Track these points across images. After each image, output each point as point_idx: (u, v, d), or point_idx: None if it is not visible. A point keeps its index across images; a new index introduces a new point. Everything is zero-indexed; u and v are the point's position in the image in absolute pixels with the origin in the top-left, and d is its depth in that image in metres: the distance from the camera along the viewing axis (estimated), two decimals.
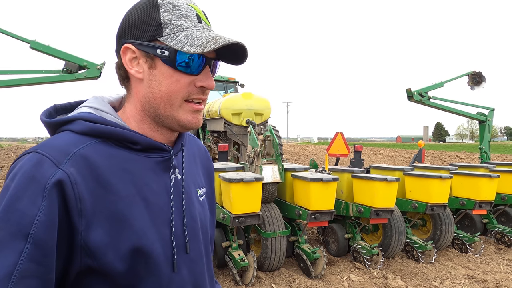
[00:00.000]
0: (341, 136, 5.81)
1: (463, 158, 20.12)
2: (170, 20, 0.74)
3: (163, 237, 0.77)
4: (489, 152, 7.03)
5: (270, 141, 4.42)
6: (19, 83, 4.96)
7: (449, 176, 4.28)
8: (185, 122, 0.79)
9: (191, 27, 0.75)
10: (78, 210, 0.67)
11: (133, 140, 0.76)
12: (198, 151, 1.03)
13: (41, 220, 0.63)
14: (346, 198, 4.46)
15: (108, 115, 0.79)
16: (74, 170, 0.67)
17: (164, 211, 0.79)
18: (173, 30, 0.74)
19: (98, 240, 0.68)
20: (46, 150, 0.68)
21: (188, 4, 0.77)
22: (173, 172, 0.83)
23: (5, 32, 4.87)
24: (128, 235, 0.71)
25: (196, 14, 0.77)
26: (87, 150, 0.71)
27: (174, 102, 0.77)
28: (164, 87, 0.76)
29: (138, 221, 0.73)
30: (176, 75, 0.75)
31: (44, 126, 0.78)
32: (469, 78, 7.27)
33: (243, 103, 6.80)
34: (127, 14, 0.78)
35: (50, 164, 0.66)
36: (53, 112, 0.82)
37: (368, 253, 4.05)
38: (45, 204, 0.63)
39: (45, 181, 0.64)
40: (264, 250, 3.78)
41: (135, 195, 0.74)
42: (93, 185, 0.69)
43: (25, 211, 0.62)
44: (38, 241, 0.62)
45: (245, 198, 3.41)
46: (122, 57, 0.77)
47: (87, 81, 5.21)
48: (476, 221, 5.30)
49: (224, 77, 10.08)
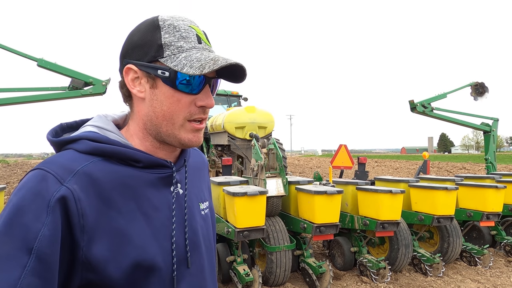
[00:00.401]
0: (345, 149, 5.80)
1: (469, 169, 19.92)
2: (171, 41, 0.76)
3: (165, 251, 0.78)
4: (495, 162, 6.98)
5: (273, 154, 4.43)
6: (26, 100, 5.04)
7: (455, 188, 4.24)
8: (186, 141, 0.81)
9: (191, 48, 0.77)
10: (81, 226, 0.68)
11: (135, 158, 0.78)
12: (202, 164, 1.04)
13: (45, 235, 0.64)
14: (351, 210, 4.43)
15: (111, 133, 0.81)
16: (78, 187, 0.69)
17: (165, 225, 0.80)
18: (174, 52, 0.76)
19: (99, 255, 0.69)
20: (51, 167, 0.70)
21: (188, 25, 0.79)
22: (175, 187, 0.85)
23: (13, 51, 4.99)
24: (129, 249, 0.72)
25: (197, 35, 0.79)
26: (90, 168, 0.73)
27: (176, 121, 0.79)
28: (165, 106, 0.78)
29: (139, 236, 0.74)
30: (177, 95, 0.77)
31: (50, 144, 0.81)
32: (472, 89, 7.28)
33: (247, 117, 6.84)
34: (129, 35, 0.81)
35: (55, 181, 0.68)
36: (60, 130, 0.85)
37: (374, 266, 3.99)
38: (49, 219, 0.65)
39: (50, 196, 0.66)
40: (269, 264, 3.74)
41: (136, 210, 0.76)
42: (95, 202, 0.71)
43: (30, 226, 0.64)
44: (41, 255, 0.63)
45: (249, 212, 3.39)
46: (124, 77, 0.80)
47: (93, 97, 5.29)
48: (484, 233, 5.22)
49: (228, 91, 10.17)
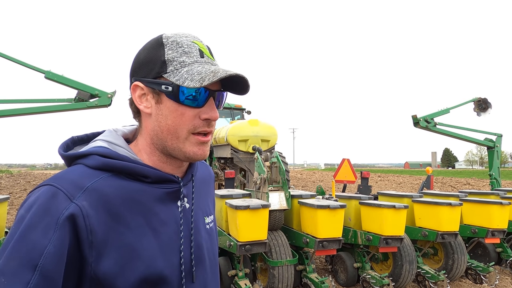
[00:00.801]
0: (347, 163, 5.80)
1: (473, 185, 19.75)
2: (174, 57, 0.78)
3: (172, 266, 0.79)
4: (499, 178, 6.93)
5: (276, 167, 4.43)
6: (32, 111, 5.10)
7: (459, 203, 4.21)
8: (191, 154, 0.81)
9: (193, 62, 0.78)
10: (89, 242, 0.69)
11: (143, 174, 0.79)
12: (209, 177, 1.05)
13: (50, 252, 0.65)
14: (354, 225, 4.39)
15: (121, 149, 0.83)
16: (87, 203, 0.71)
17: (173, 240, 0.81)
18: (176, 67, 0.78)
19: (107, 270, 0.70)
20: (61, 183, 0.72)
21: (191, 41, 0.81)
22: (182, 202, 0.86)
23: (22, 63, 5.08)
24: (137, 264, 0.73)
25: (199, 49, 0.81)
26: (100, 184, 0.74)
27: (180, 135, 0.80)
28: (170, 120, 0.79)
29: (147, 250, 0.75)
30: (181, 109, 0.79)
31: (61, 158, 0.83)
32: (475, 104, 7.30)
33: (250, 130, 6.87)
34: (137, 54, 0.84)
35: (64, 198, 0.70)
36: (71, 144, 0.87)
37: (378, 283, 3.93)
38: (56, 236, 0.66)
39: (59, 214, 0.68)
40: (271, 279, 3.70)
41: (145, 225, 0.77)
42: (104, 218, 0.72)
43: (36, 242, 0.65)
44: (45, 272, 0.64)
45: (251, 226, 3.38)
46: (132, 94, 0.83)
47: (98, 109, 5.34)
48: (490, 250, 5.14)
49: (231, 104, 10.24)
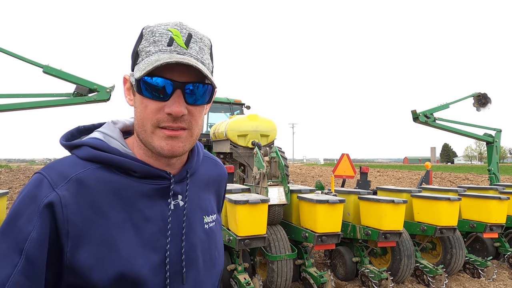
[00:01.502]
0: (347, 158, 5.80)
1: (472, 180, 19.80)
2: (143, 47, 0.75)
3: (152, 265, 0.76)
4: (498, 173, 6.94)
5: (276, 162, 4.43)
6: (31, 106, 5.08)
7: (458, 198, 4.22)
8: (159, 149, 0.77)
9: (156, 51, 0.73)
10: (66, 231, 0.70)
11: (130, 168, 0.78)
12: (218, 176, 1.00)
13: (34, 238, 0.67)
14: (353, 220, 4.41)
15: (114, 141, 0.82)
16: (68, 193, 0.71)
17: (156, 237, 0.78)
18: (143, 57, 0.75)
19: (83, 262, 0.70)
20: (48, 172, 0.73)
21: (167, 28, 0.74)
22: (175, 199, 0.83)
23: (20, 57, 5.05)
24: (114, 260, 0.72)
25: (171, 37, 0.74)
26: (85, 175, 0.74)
27: (147, 128, 0.76)
28: (138, 113, 0.77)
29: (126, 247, 0.74)
30: (145, 101, 0.75)
31: (63, 147, 0.82)
32: (474, 99, 7.29)
33: (249, 125, 6.86)
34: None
35: (47, 186, 0.71)
36: (76, 133, 0.87)
37: (376, 277, 3.96)
38: (38, 223, 0.68)
39: (40, 201, 0.69)
40: (270, 273, 3.72)
41: (126, 221, 0.75)
42: (84, 209, 0.72)
43: (22, 228, 0.68)
44: (29, 257, 0.67)
45: (251, 220, 3.38)
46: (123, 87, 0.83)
47: (97, 103, 5.33)
48: (488, 244, 5.17)
49: (230, 99, 10.23)
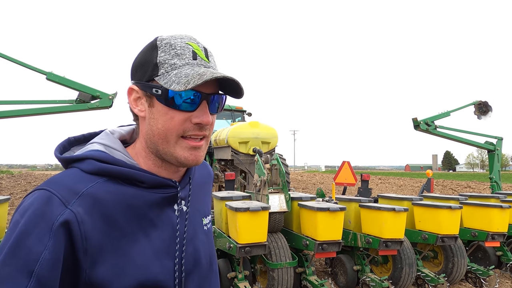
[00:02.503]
0: (348, 165, 5.80)
1: (474, 188, 19.72)
2: (165, 59, 0.76)
3: (168, 270, 0.79)
4: (500, 181, 6.92)
5: (276, 169, 4.43)
6: (34, 112, 5.12)
7: (459, 207, 4.21)
8: (182, 160, 0.79)
9: (184, 64, 0.76)
10: (84, 249, 0.69)
11: (139, 179, 0.78)
12: (208, 177, 1.04)
13: (46, 258, 0.65)
14: (354, 228, 4.39)
15: (118, 153, 0.82)
16: (82, 209, 0.70)
17: (167, 244, 0.80)
18: (167, 69, 0.76)
19: (102, 277, 0.70)
20: (56, 188, 0.71)
21: (186, 42, 0.79)
22: (179, 205, 0.85)
23: (24, 65, 5.10)
24: (131, 270, 0.73)
25: (193, 51, 0.78)
26: (95, 189, 0.73)
27: (170, 139, 0.78)
28: (160, 124, 0.78)
29: (142, 256, 0.75)
30: (171, 112, 0.77)
31: (58, 161, 0.82)
32: (475, 107, 7.30)
33: (250, 132, 6.88)
34: (135, 58, 0.83)
35: (59, 203, 0.69)
36: (67, 145, 0.86)
37: (377, 286, 3.93)
38: (51, 242, 0.66)
39: (53, 220, 0.67)
40: (271, 281, 3.70)
41: (139, 231, 0.76)
42: (99, 224, 0.71)
43: (32, 248, 0.65)
44: (41, 278, 0.64)
45: (251, 228, 3.38)
46: (128, 97, 0.82)
47: (99, 110, 5.36)
48: (490, 253, 5.14)
49: (232, 106, 10.27)
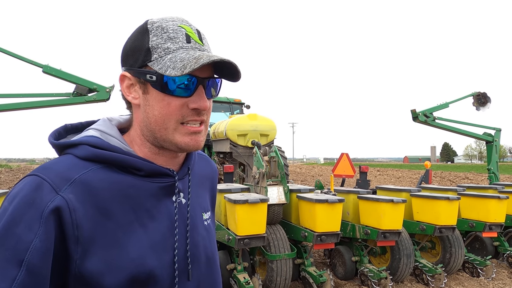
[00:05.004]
0: (346, 157, 5.80)
1: (472, 179, 19.82)
2: (158, 44, 0.73)
3: (164, 264, 0.75)
4: (498, 172, 6.95)
5: (275, 162, 4.44)
6: (31, 106, 5.07)
7: (457, 198, 4.23)
8: (183, 145, 0.77)
9: (178, 48, 0.73)
10: (75, 238, 0.66)
11: (136, 166, 0.75)
12: (211, 172, 1.00)
13: (37, 247, 0.61)
14: (353, 219, 4.41)
15: (113, 139, 0.78)
16: (73, 196, 0.66)
17: (166, 236, 0.77)
18: (160, 54, 0.73)
19: (94, 269, 0.67)
20: (47, 174, 0.67)
21: (178, 25, 0.75)
22: (178, 197, 0.82)
23: (19, 57, 5.05)
24: (125, 263, 0.70)
25: (186, 34, 0.75)
26: (89, 176, 0.70)
27: (168, 125, 0.75)
28: (156, 111, 0.75)
29: (137, 248, 0.72)
30: (167, 98, 0.74)
31: (52, 147, 0.78)
32: (474, 98, 7.29)
33: (249, 124, 6.86)
34: (124, 43, 0.80)
35: (50, 189, 0.65)
36: (63, 132, 0.82)
37: (376, 276, 3.97)
38: (41, 230, 0.62)
39: (43, 207, 0.63)
40: (270, 273, 3.73)
41: (135, 221, 0.73)
42: (92, 212, 0.68)
43: (21, 236, 0.61)
44: (32, 268, 0.61)
45: (250, 220, 3.39)
46: (120, 84, 0.79)
47: (96, 103, 5.32)
48: (487, 243, 5.18)
49: (230, 98, 10.23)
